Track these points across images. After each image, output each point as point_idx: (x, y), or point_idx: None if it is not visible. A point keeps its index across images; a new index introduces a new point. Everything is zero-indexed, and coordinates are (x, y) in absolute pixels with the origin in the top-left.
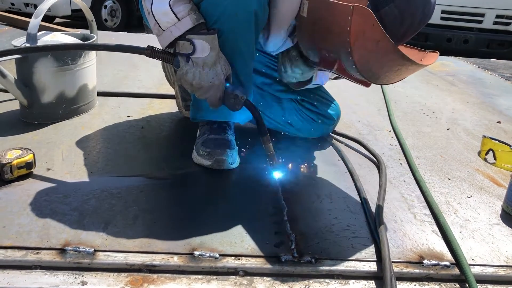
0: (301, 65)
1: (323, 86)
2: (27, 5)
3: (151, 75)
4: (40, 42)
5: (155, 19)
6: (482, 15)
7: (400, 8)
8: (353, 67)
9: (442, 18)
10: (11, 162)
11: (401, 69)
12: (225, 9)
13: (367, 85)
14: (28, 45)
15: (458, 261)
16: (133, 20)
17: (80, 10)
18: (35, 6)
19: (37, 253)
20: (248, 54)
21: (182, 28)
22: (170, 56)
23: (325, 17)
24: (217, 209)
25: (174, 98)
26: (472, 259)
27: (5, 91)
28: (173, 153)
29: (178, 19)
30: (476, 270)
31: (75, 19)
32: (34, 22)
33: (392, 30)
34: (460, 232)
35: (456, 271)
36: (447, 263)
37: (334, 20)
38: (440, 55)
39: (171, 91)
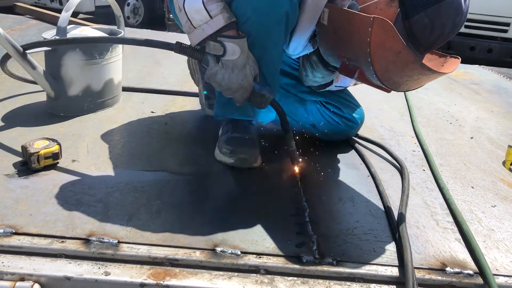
0: (322, 70)
1: (348, 89)
2: (52, 0)
3: (174, 72)
4: (69, 36)
5: (187, 16)
6: (508, 24)
7: (431, 17)
8: (373, 75)
9: (465, 26)
10: (38, 152)
11: (421, 77)
12: (257, 9)
13: (388, 90)
14: (57, 37)
15: (482, 271)
16: (155, 18)
17: (103, 6)
18: (60, 2)
19: (63, 241)
20: (276, 55)
21: (214, 26)
22: (199, 54)
23: (345, 27)
24: (238, 207)
25: (197, 96)
26: (496, 269)
27: (34, 82)
28: (196, 150)
29: (211, 17)
30: (500, 280)
31: (98, 16)
32: (65, 15)
33: (421, 38)
34: (484, 242)
35: (479, 280)
36: (471, 272)
37: (354, 30)
38: (463, 63)
39: (194, 89)
